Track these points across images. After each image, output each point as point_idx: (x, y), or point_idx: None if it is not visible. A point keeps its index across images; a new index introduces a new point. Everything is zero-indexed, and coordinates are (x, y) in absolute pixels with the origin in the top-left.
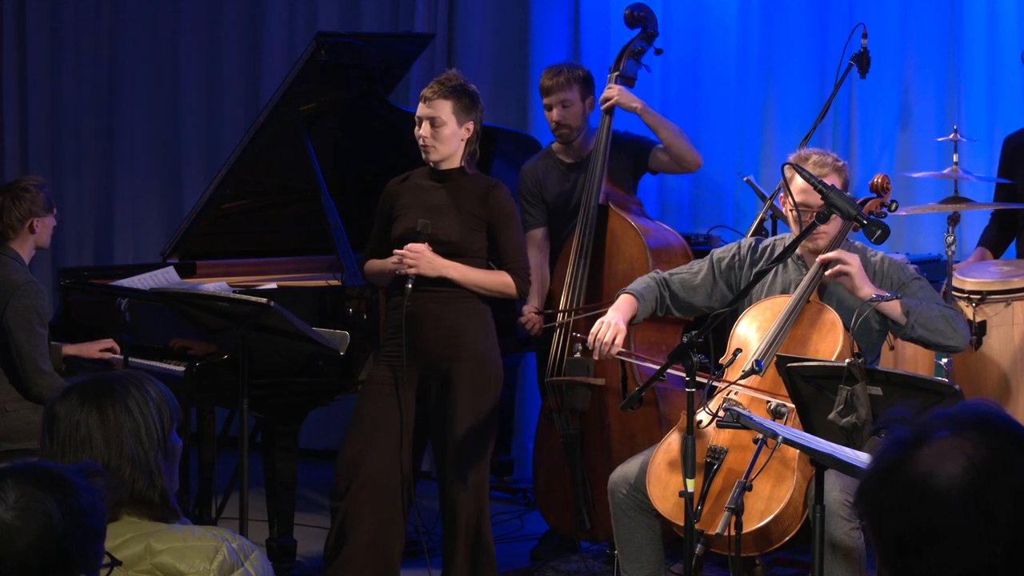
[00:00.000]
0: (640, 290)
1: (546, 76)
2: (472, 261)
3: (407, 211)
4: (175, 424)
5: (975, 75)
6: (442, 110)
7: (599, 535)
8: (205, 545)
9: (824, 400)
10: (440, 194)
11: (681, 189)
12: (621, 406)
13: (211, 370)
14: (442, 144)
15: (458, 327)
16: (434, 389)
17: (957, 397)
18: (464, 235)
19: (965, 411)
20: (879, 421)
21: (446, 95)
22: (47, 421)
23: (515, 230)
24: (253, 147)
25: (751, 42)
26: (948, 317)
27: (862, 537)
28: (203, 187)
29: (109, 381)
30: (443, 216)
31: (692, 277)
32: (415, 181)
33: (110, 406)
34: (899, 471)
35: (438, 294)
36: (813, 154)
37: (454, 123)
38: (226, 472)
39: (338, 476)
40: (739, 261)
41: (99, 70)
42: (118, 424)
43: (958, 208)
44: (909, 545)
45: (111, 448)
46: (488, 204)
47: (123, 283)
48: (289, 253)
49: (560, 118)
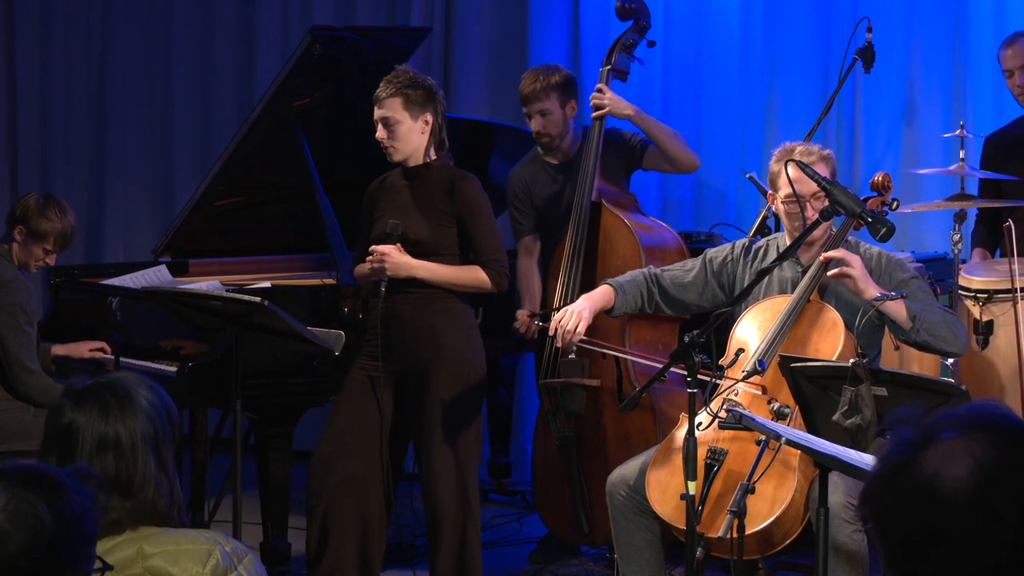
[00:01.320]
0: (622, 283)
1: (524, 83)
2: (445, 259)
3: (382, 213)
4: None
5: (982, 70)
6: (393, 109)
7: (598, 539)
8: (198, 548)
9: (828, 401)
10: (409, 193)
11: (683, 186)
12: (620, 407)
13: (204, 370)
14: (400, 143)
15: (434, 328)
16: (411, 392)
17: (964, 398)
18: (433, 232)
19: (972, 412)
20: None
21: (394, 93)
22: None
23: (485, 222)
24: (247, 143)
25: (754, 37)
26: (949, 323)
27: (865, 540)
28: (196, 184)
29: (122, 387)
30: (412, 215)
31: (684, 275)
32: (391, 182)
33: (132, 416)
34: (905, 473)
35: (412, 295)
36: (797, 146)
37: (408, 119)
38: (219, 474)
39: (312, 474)
40: (732, 261)
41: (89, 64)
42: (142, 435)
43: (965, 205)
44: (915, 547)
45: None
46: (454, 198)
47: (114, 282)
48: (283, 251)
49: (540, 127)
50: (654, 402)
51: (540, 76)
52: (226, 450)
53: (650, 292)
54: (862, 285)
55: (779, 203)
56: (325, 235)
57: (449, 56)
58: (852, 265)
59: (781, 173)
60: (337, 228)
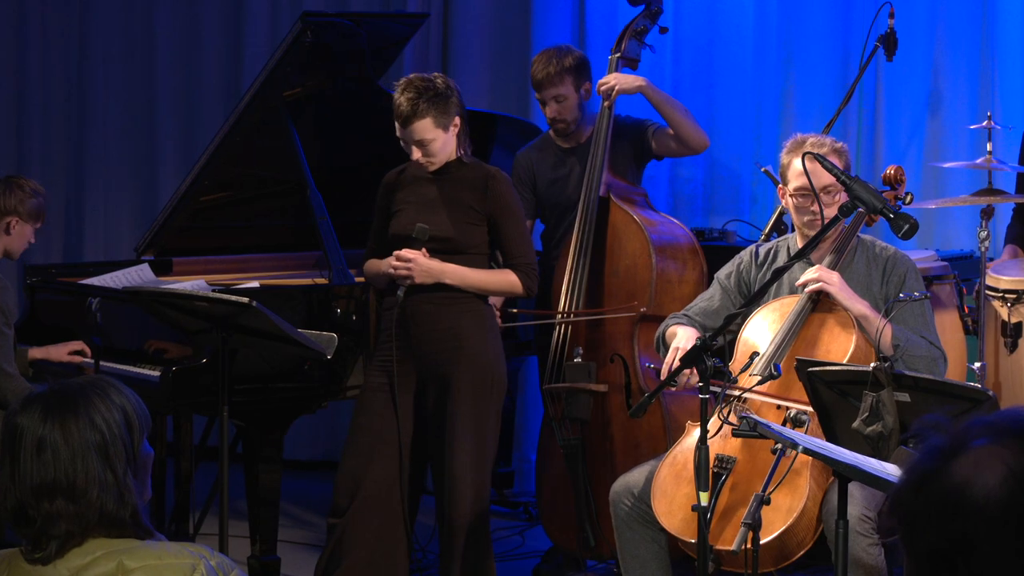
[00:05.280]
0: (680, 320)
1: (536, 67)
2: (472, 258)
3: (404, 206)
4: (145, 435)
5: (1010, 57)
6: (426, 131)
7: (604, 552)
8: (181, 563)
9: (848, 407)
10: (436, 188)
11: (695, 180)
12: (630, 413)
13: (188, 375)
14: (439, 155)
15: (457, 329)
16: (432, 395)
17: (992, 404)
18: (462, 231)
19: (1005, 418)
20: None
21: (423, 113)
22: (7, 435)
23: (518, 222)
24: (234, 136)
25: (769, 23)
26: (932, 359)
27: (882, 553)
28: (180, 178)
29: (72, 392)
30: (439, 211)
31: (710, 303)
32: (412, 172)
33: (74, 421)
34: (934, 481)
35: (436, 295)
36: (809, 137)
37: (441, 134)
38: (205, 485)
39: (338, 491)
40: (744, 271)
41: (68, 53)
42: (83, 441)
43: (992, 201)
44: (944, 559)
45: (77, 468)
46: (487, 196)
47: (93, 281)
48: (272, 250)
49: (555, 114)
50: (664, 408)
51: (553, 59)
52: (212, 459)
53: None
54: (843, 300)
55: (788, 197)
56: (317, 232)
57: (448, 43)
58: (828, 281)
59: (792, 165)
60: (329, 225)
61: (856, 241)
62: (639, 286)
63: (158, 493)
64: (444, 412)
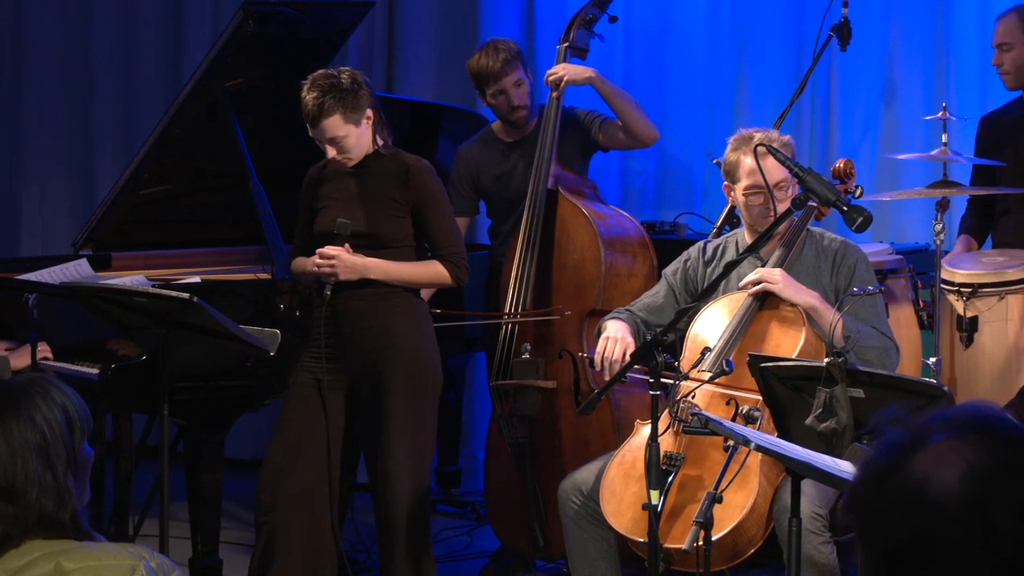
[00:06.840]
0: (621, 315)
1: (485, 61)
2: (398, 251)
3: (327, 203)
4: (86, 435)
5: (965, 48)
6: (336, 128)
7: (554, 552)
8: (121, 564)
9: (801, 403)
10: (357, 182)
11: (645, 173)
12: (579, 410)
13: (128, 372)
14: (354, 151)
15: (389, 326)
16: (365, 394)
17: (947, 400)
18: (385, 224)
19: (965, 413)
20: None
21: (329, 111)
22: None
23: (442, 211)
24: (174, 127)
25: (722, 12)
26: (883, 349)
27: (834, 552)
28: (119, 171)
29: (13, 391)
30: (361, 206)
31: (654, 299)
32: (334, 168)
33: (14, 421)
34: (892, 477)
35: (365, 291)
36: (756, 132)
37: (352, 129)
38: (145, 485)
39: (262, 487)
40: (692, 268)
41: (1, 42)
42: (24, 441)
43: (947, 193)
44: (902, 557)
45: (16, 469)
46: (409, 187)
47: (30, 276)
48: (214, 244)
49: (519, 100)
50: (614, 405)
51: (500, 49)
52: (152, 458)
53: (638, 326)
54: (790, 296)
55: (739, 195)
56: (259, 226)
57: (393, 32)
58: (772, 281)
59: (741, 162)
60: (272, 219)
61: (805, 234)
62: (588, 280)
63: (97, 493)
64: (379, 412)
